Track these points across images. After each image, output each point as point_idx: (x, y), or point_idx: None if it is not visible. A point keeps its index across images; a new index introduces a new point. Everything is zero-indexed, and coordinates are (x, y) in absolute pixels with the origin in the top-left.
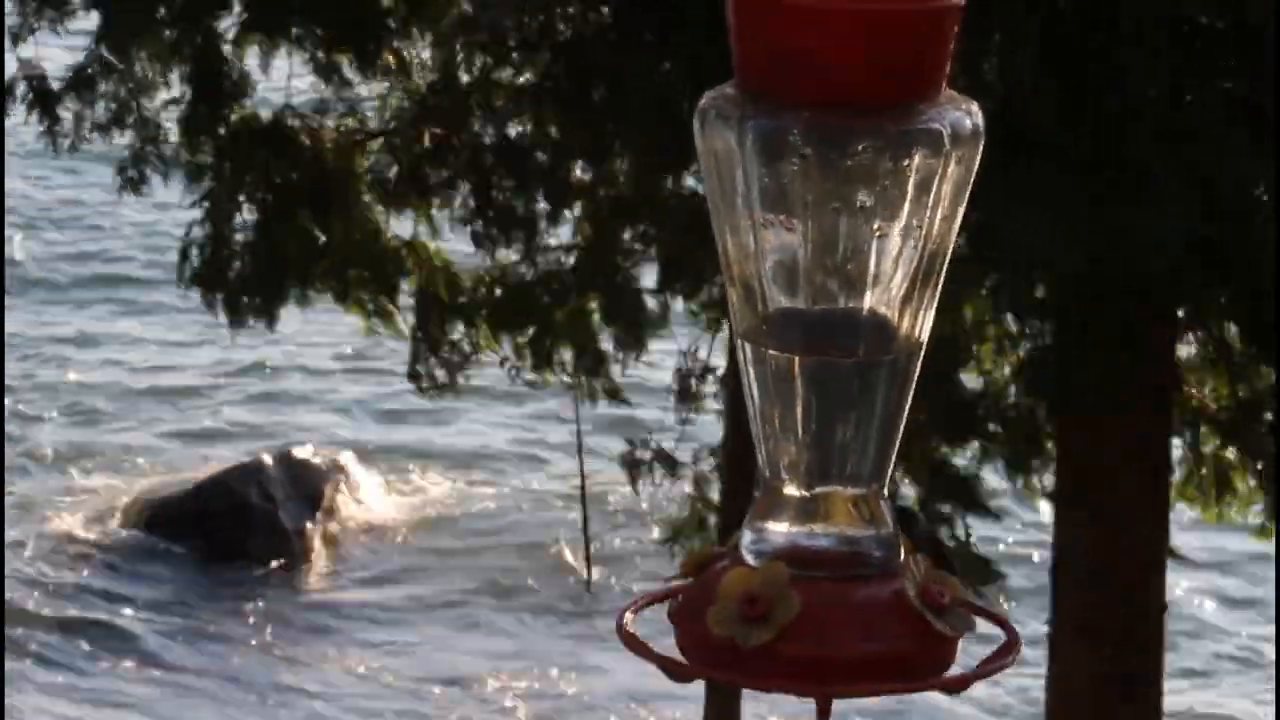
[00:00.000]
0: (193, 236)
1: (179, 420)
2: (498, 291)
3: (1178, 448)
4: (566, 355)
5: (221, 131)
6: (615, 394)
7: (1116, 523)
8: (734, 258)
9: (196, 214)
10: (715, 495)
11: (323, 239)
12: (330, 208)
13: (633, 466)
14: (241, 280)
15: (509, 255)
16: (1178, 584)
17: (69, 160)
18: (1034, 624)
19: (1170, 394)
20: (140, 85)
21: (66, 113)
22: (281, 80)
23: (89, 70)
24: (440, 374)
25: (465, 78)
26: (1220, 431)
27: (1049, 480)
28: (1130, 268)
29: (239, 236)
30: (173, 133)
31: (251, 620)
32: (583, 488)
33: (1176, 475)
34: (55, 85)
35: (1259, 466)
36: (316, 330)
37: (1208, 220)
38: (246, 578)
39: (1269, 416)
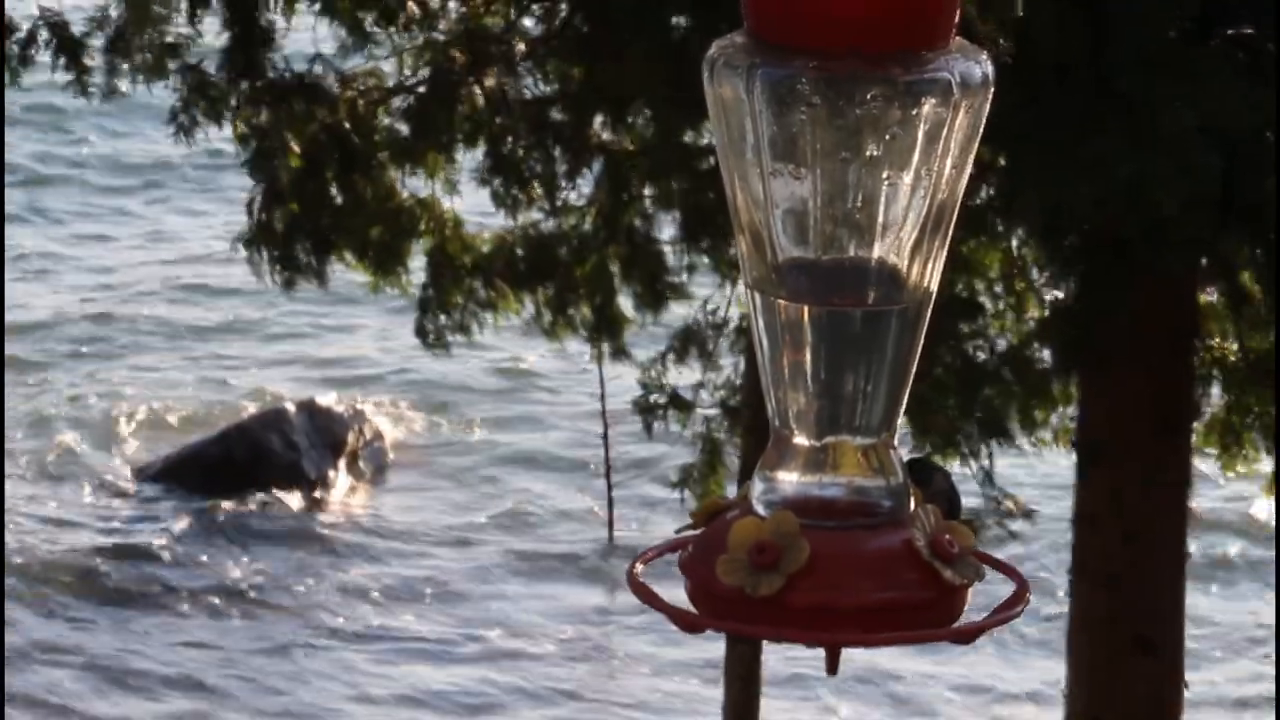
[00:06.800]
0: (252, 193)
1: (204, 365)
2: (519, 250)
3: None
4: (586, 312)
5: (260, 84)
6: (625, 353)
7: (1138, 471)
8: (743, 207)
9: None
10: (723, 436)
11: (340, 200)
12: (354, 167)
13: (646, 411)
14: (287, 239)
15: (529, 214)
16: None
17: None
18: (1054, 576)
19: (1191, 344)
20: (156, 18)
21: (93, 61)
22: (294, 34)
23: (109, 13)
24: (448, 332)
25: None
26: (1232, 382)
27: (1058, 433)
28: (1138, 212)
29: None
30: (213, 87)
31: (274, 568)
32: (605, 436)
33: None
34: (77, 31)
35: (1263, 419)
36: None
37: (1213, 165)
38: (269, 525)
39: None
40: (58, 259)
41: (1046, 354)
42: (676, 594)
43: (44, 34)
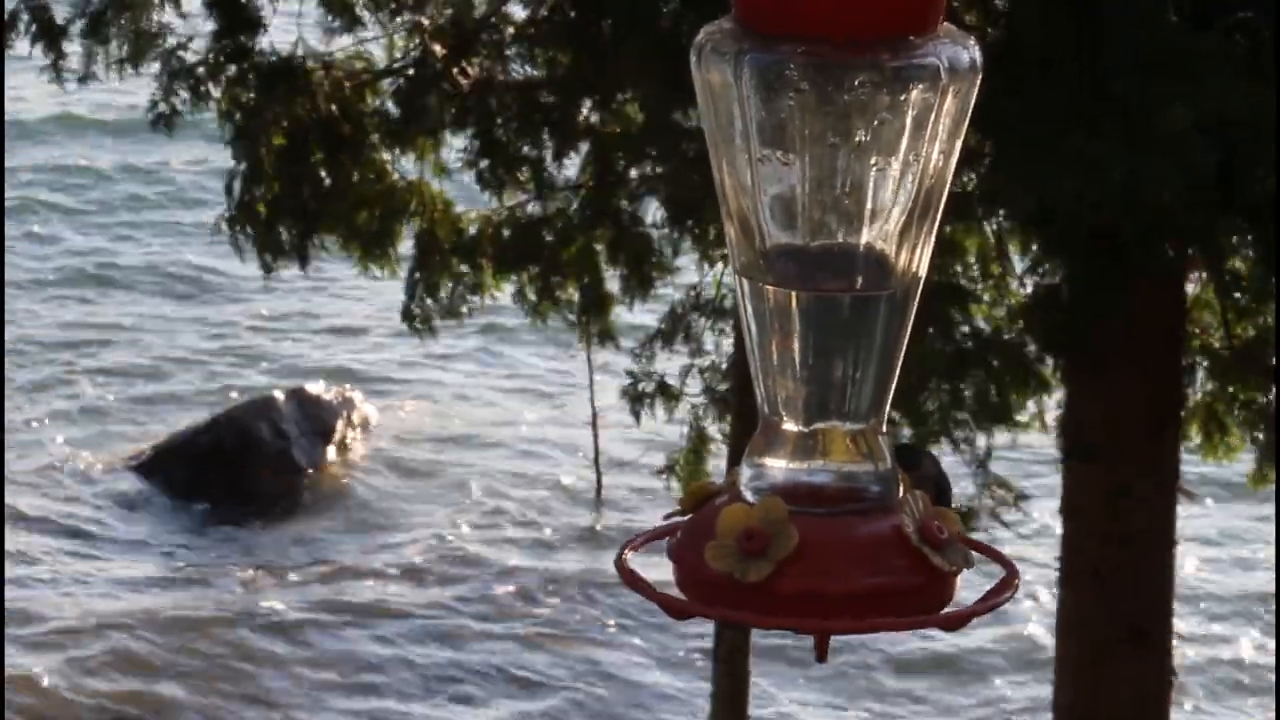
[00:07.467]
0: (232, 172)
1: (193, 354)
2: (505, 232)
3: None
4: (572, 293)
5: (245, 66)
6: (611, 336)
7: (1127, 466)
8: (732, 193)
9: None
10: (710, 424)
11: (328, 181)
12: (341, 150)
13: (635, 399)
14: (268, 221)
15: (515, 196)
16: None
17: None
18: (1042, 570)
19: (1180, 333)
20: (141, 6)
21: (73, 47)
22: (279, 17)
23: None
24: (435, 316)
25: (475, 13)
26: (1218, 371)
27: (1035, 418)
28: (1134, 214)
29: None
30: (199, 68)
31: (263, 555)
32: (594, 422)
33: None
34: (60, 18)
35: (1253, 406)
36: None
37: (1207, 156)
38: (258, 513)
39: (1271, 361)
40: (42, 243)
41: (1028, 339)
42: (665, 580)
43: (25, 18)
